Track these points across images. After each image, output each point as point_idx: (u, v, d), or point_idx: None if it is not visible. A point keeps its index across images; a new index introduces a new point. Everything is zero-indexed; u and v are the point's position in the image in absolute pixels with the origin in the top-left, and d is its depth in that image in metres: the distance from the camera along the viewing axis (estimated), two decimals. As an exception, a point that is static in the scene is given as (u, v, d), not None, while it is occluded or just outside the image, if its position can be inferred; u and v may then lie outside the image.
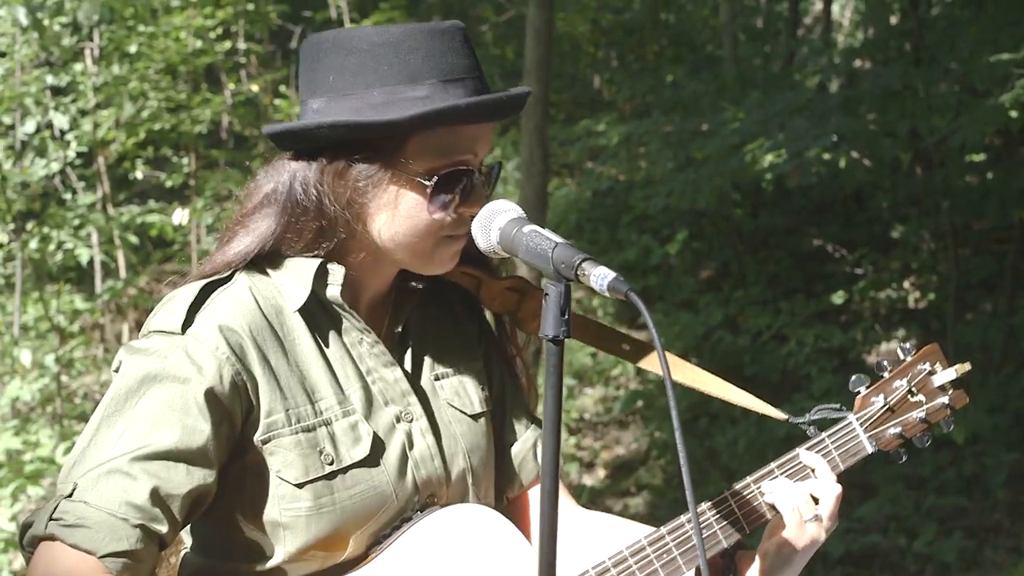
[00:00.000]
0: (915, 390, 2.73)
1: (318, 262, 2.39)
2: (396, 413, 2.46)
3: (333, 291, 2.40)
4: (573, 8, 16.25)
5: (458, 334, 2.65)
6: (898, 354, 2.77)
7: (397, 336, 2.54)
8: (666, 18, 17.89)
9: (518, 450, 2.69)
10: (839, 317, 11.47)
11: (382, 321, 2.54)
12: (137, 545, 2.17)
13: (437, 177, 2.34)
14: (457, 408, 2.56)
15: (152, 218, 11.67)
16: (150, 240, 12.59)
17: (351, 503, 2.37)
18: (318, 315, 2.42)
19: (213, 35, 12.72)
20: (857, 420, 2.69)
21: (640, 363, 2.70)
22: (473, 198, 2.40)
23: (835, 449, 2.66)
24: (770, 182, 10.41)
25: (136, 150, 12.39)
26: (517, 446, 2.69)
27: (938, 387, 2.74)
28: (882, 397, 2.70)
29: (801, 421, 2.68)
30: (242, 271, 2.41)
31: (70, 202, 11.69)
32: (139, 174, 12.62)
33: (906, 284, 11.71)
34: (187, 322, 2.31)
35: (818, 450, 2.65)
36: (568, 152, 15.55)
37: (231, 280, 2.40)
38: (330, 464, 2.35)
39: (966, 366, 2.75)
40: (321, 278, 2.40)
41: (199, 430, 2.25)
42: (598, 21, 17.20)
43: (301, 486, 2.34)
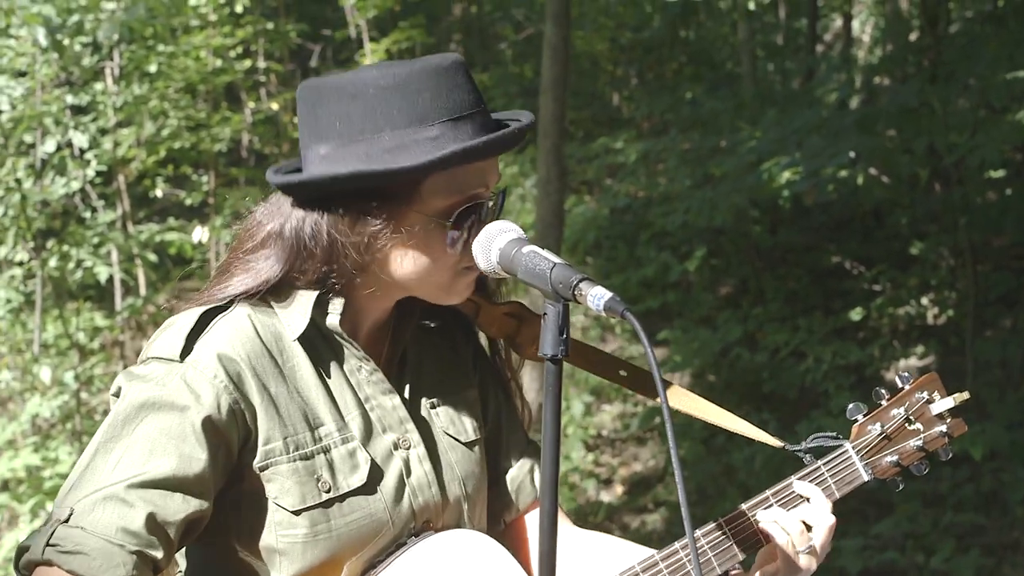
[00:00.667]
0: (912, 418, 2.73)
1: (317, 292, 2.40)
2: (394, 440, 2.47)
3: (332, 320, 2.41)
4: (591, 27, 16.28)
5: (454, 361, 2.66)
6: (896, 382, 2.77)
7: (396, 364, 2.55)
8: (686, 35, 17.91)
9: (514, 475, 2.70)
10: (857, 334, 11.44)
11: (381, 348, 2.55)
12: (133, 571, 2.17)
13: (456, 215, 2.36)
14: (452, 436, 2.56)
15: (171, 236, 11.72)
16: (169, 258, 12.63)
17: (347, 530, 2.38)
18: (317, 343, 2.43)
19: (233, 54, 12.78)
20: (853, 448, 2.70)
21: (638, 391, 2.71)
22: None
23: (831, 477, 2.67)
24: (787, 199, 10.42)
25: (156, 168, 12.45)
26: (513, 471, 2.71)
27: (936, 415, 2.75)
28: (879, 425, 2.71)
29: (797, 449, 2.69)
30: (241, 299, 2.41)
31: (90, 220, 11.74)
32: (159, 192, 12.67)
33: (924, 301, 11.68)
34: (186, 350, 2.31)
35: (813, 478, 2.66)
36: (586, 169, 15.57)
37: (231, 308, 2.40)
38: (327, 492, 2.36)
39: (964, 395, 2.75)
40: (321, 307, 2.41)
41: (196, 458, 2.25)
42: (617, 39, 17.22)
43: (298, 513, 2.34)
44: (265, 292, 2.40)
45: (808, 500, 2.61)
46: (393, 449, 2.46)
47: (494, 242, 2.32)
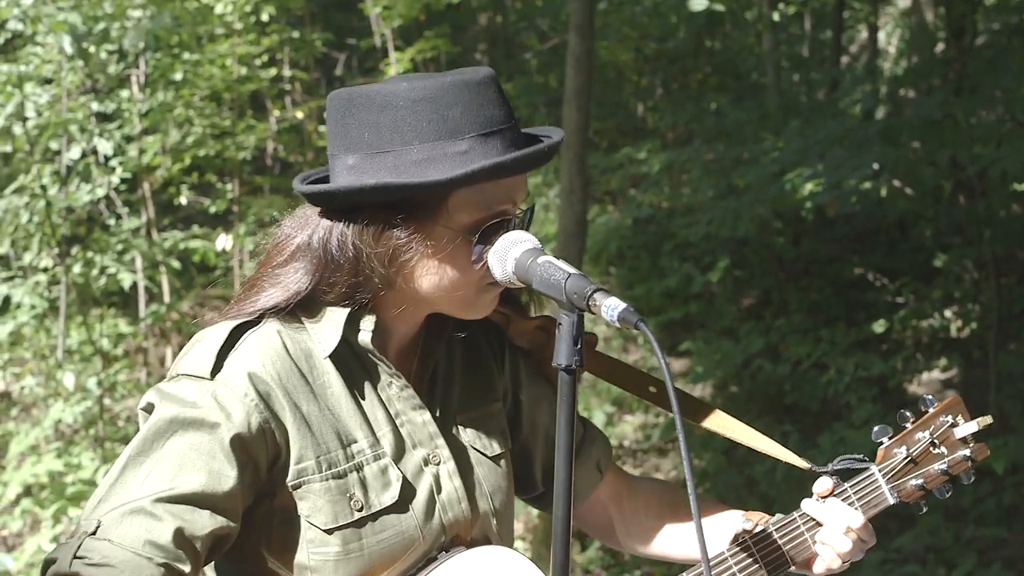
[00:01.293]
0: (937, 442, 2.74)
1: (349, 310, 2.41)
2: (424, 456, 2.48)
3: (364, 337, 2.41)
4: (615, 37, 16.27)
5: (481, 375, 2.66)
6: (920, 406, 2.77)
7: (426, 379, 2.56)
8: (711, 46, 17.88)
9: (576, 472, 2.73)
10: (880, 346, 11.41)
11: (411, 363, 2.56)
12: None
13: (482, 230, 2.35)
14: (478, 450, 2.58)
15: (195, 243, 11.76)
16: (193, 265, 12.68)
17: (379, 548, 2.39)
18: (348, 360, 2.43)
19: (258, 62, 12.82)
20: (879, 471, 2.71)
21: (668, 408, 2.66)
22: None
23: (857, 500, 2.69)
24: (810, 211, 10.39)
25: (181, 176, 12.49)
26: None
27: (960, 439, 2.75)
28: (904, 449, 2.72)
29: (824, 471, 2.70)
30: (271, 314, 2.42)
31: (114, 227, 11.78)
32: (183, 200, 12.72)
33: (948, 313, 11.64)
34: (216, 367, 2.33)
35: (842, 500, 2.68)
36: (610, 179, 15.56)
37: (260, 323, 2.41)
38: (359, 510, 2.37)
39: (987, 419, 2.76)
40: (352, 324, 2.41)
41: (225, 475, 2.26)
42: (642, 49, 17.21)
43: (330, 532, 2.35)
44: (295, 307, 2.40)
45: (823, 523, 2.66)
46: (424, 465, 2.47)
47: (509, 252, 2.33)
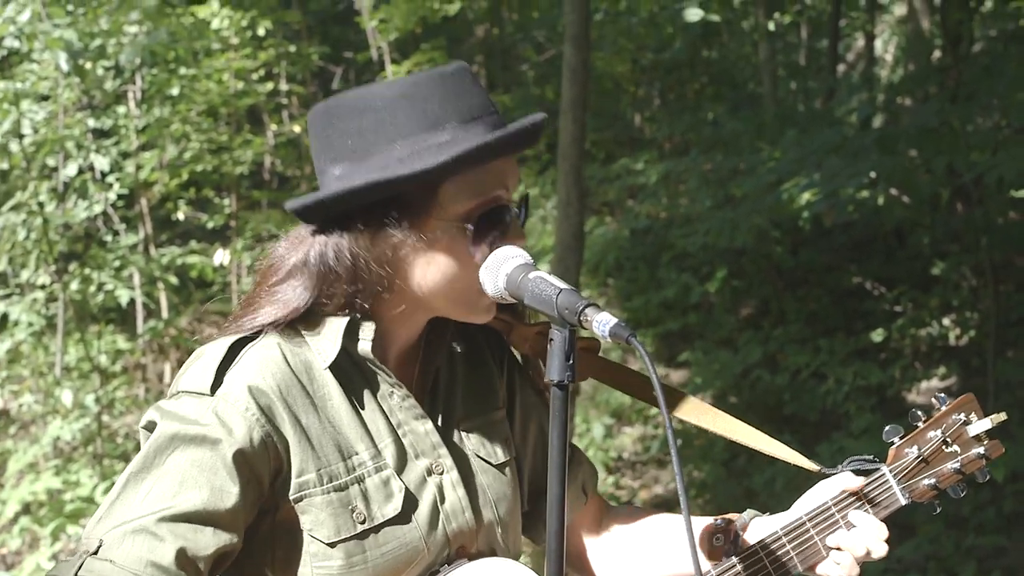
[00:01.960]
0: (950, 440, 2.69)
1: (348, 319, 2.38)
2: (427, 466, 2.45)
3: (364, 347, 2.38)
4: (611, 48, 16.29)
5: (483, 382, 2.64)
6: (933, 404, 2.73)
7: (428, 387, 2.54)
8: (707, 56, 17.91)
9: None
10: (878, 355, 11.41)
11: (412, 371, 2.53)
12: None
13: (477, 219, 2.34)
14: (483, 459, 2.55)
15: (192, 259, 11.76)
16: (191, 281, 12.67)
17: (383, 560, 2.37)
18: (349, 371, 2.41)
19: (255, 76, 12.83)
20: (890, 471, 2.67)
21: (677, 412, 2.67)
22: (512, 233, 2.39)
23: (868, 501, 2.65)
24: (807, 220, 10.40)
25: (178, 191, 12.51)
26: None
27: (973, 437, 2.70)
28: (916, 448, 2.68)
29: (834, 472, 2.66)
30: (271, 329, 2.39)
31: (112, 243, 11.78)
32: (181, 215, 12.73)
33: (946, 321, 11.64)
34: (216, 382, 2.30)
35: (850, 502, 2.64)
36: (607, 190, 15.57)
37: (260, 337, 2.39)
38: (362, 523, 2.35)
39: (1001, 416, 2.71)
40: (352, 334, 2.38)
41: (227, 492, 2.24)
42: (638, 60, 17.23)
43: (333, 545, 2.33)
44: (294, 320, 2.38)
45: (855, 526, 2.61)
46: (427, 475, 2.45)
47: (501, 268, 2.31)
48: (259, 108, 13.76)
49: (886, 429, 2.70)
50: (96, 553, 2.16)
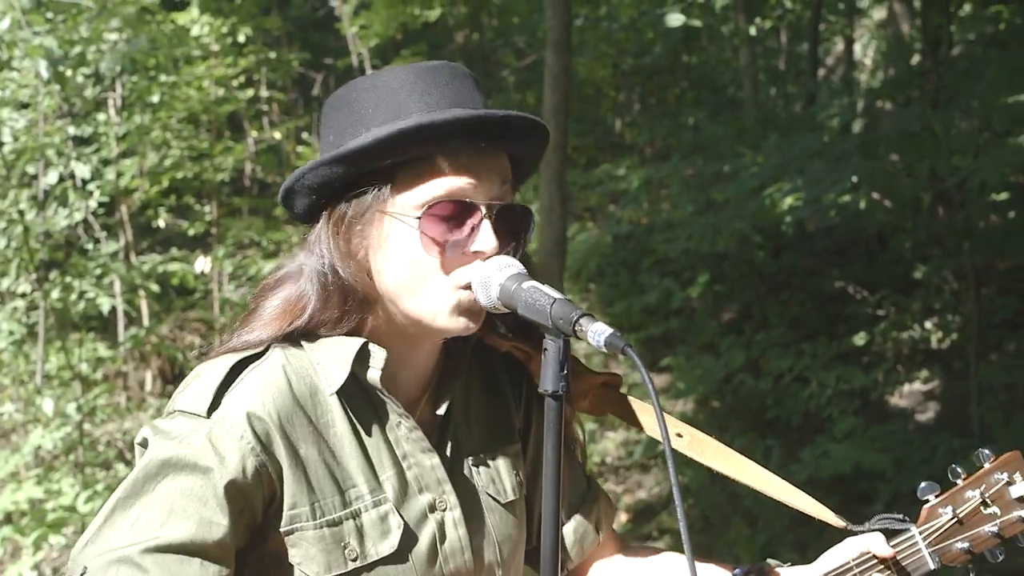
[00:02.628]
0: (989, 501, 2.49)
1: (360, 342, 2.30)
2: (430, 502, 2.37)
3: (373, 374, 2.30)
4: (593, 54, 16.31)
5: (499, 414, 2.58)
6: (975, 460, 2.53)
7: (439, 419, 2.46)
8: (687, 61, 17.94)
9: (574, 527, 2.66)
10: (861, 359, 11.42)
11: (420, 400, 2.46)
12: None
13: (425, 209, 2.25)
14: (492, 496, 2.49)
15: (174, 267, 11.72)
16: (172, 288, 12.64)
17: None
18: (356, 397, 2.33)
19: (235, 83, 12.82)
20: (920, 533, 2.49)
21: (698, 456, 2.58)
22: (479, 237, 2.28)
23: (894, 564, 2.50)
24: (790, 225, 10.41)
25: (159, 198, 12.48)
26: (572, 524, 2.66)
27: (1016, 499, 2.50)
28: (951, 509, 2.49)
29: (861, 530, 2.51)
30: (276, 346, 2.32)
31: (92, 251, 11.74)
32: (162, 222, 12.69)
33: (928, 325, 11.66)
34: (213, 405, 2.22)
35: (873, 565, 2.50)
36: (589, 196, 15.59)
37: (264, 356, 2.31)
38: (354, 560, 2.26)
39: None
40: (362, 360, 2.31)
41: (216, 523, 2.15)
42: (619, 65, 17.26)
43: None
44: (299, 336, 2.32)
45: None
46: (428, 512, 2.37)
47: (494, 277, 2.25)
48: (240, 115, 13.74)
49: (921, 486, 2.53)
50: None
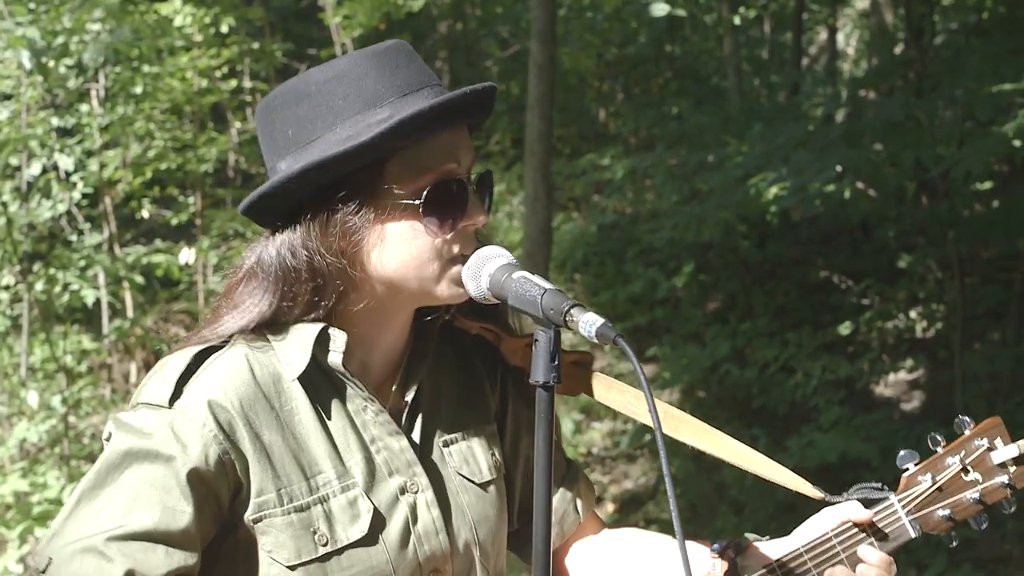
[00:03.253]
0: (970, 468, 2.47)
1: (319, 327, 2.29)
2: (400, 484, 2.35)
3: (335, 358, 2.29)
4: (577, 44, 16.29)
5: (473, 395, 2.56)
6: (956, 428, 2.50)
7: (408, 401, 2.43)
8: (671, 50, 17.93)
9: (556, 505, 2.62)
10: (846, 348, 11.45)
11: (392, 382, 2.44)
12: None
13: (426, 193, 2.24)
14: (465, 477, 2.46)
15: (158, 258, 11.68)
16: (157, 280, 12.60)
17: None
18: (319, 383, 2.32)
19: (219, 74, 12.78)
20: (899, 501, 2.47)
21: (675, 433, 2.55)
22: (470, 209, 2.30)
23: (873, 533, 2.47)
24: (775, 214, 10.42)
25: (143, 190, 12.44)
26: (555, 502, 2.60)
27: (997, 465, 2.47)
28: (930, 476, 2.47)
29: (839, 500, 2.50)
30: (240, 336, 2.30)
31: (76, 243, 11.70)
32: (146, 214, 12.65)
33: (913, 314, 11.69)
34: (175, 395, 2.22)
35: (852, 534, 2.48)
36: (574, 186, 15.58)
37: (227, 346, 2.30)
38: (324, 545, 2.25)
39: None
40: (322, 344, 2.29)
41: (180, 511, 2.16)
42: (603, 55, 17.24)
43: (293, 568, 2.24)
44: (262, 327, 2.30)
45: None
46: (399, 494, 2.35)
47: (484, 268, 2.25)
48: (223, 105, 13.68)
49: (901, 454, 2.51)
50: (44, 571, 2.13)
